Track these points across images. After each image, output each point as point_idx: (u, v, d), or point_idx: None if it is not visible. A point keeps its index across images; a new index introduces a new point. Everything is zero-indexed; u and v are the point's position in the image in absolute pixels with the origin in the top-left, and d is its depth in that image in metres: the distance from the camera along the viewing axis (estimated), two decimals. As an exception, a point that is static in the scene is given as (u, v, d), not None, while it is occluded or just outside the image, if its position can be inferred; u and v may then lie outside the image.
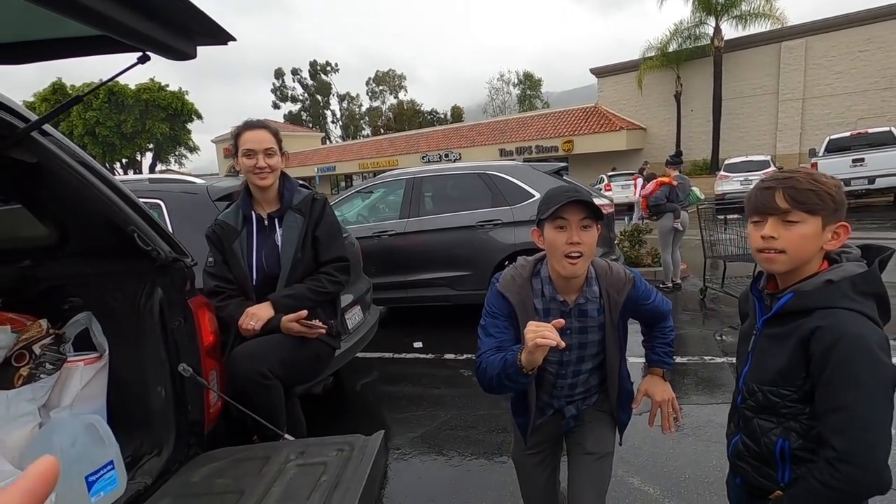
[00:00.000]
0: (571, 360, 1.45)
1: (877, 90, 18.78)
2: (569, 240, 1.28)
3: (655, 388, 1.55)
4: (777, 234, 1.03)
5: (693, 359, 3.89)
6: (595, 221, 1.31)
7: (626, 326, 1.49)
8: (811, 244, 1.02)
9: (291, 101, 57.77)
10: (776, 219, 1.03)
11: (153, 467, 1.44)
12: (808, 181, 1.01)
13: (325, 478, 1.27)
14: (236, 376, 1.71)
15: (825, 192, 1.00)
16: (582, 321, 1.40)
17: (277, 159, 1.94)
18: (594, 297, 1.39)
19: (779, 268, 1.06)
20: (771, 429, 1.08)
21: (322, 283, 1.96)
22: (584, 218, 1.29)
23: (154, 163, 33.81)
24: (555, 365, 1.46)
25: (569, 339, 1.38)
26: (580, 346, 1.43)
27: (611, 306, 1.39)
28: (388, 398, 3.68)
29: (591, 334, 1.42)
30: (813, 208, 1.00)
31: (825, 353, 0.96)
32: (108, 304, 1.63)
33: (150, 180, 3.23)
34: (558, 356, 1.42)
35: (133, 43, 1.12)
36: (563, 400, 1.54)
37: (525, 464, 1.67)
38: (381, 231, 5.04)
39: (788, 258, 1.03)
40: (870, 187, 11.16)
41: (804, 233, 1.01)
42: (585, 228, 1.29)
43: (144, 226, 1.44)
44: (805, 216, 1.00)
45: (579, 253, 1.28)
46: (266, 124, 2.00)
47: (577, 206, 1.28)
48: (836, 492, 0.96)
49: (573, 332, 1.40)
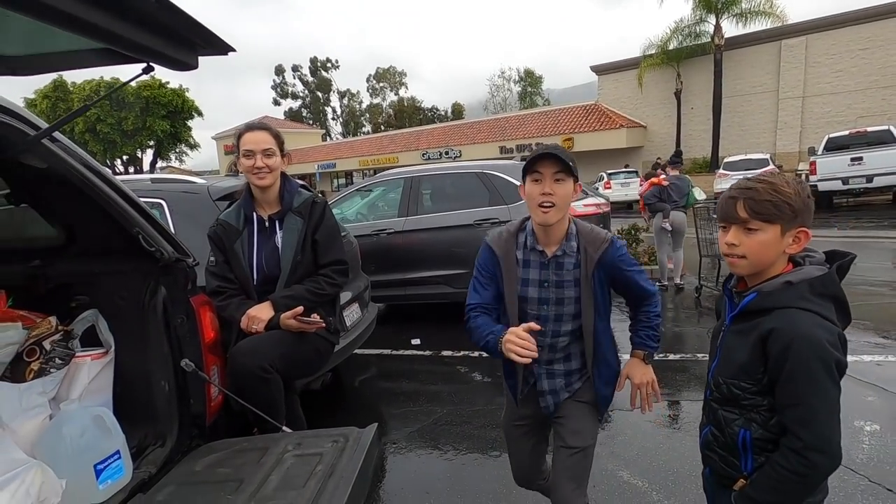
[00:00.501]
0: (550, 315, 1.51)
1: (877, 89, 18.76)
2: (542, 191, 1.40)
3: (635, 370, 1.59)
4: (738, 241, 1.11)
5: (686, 356, 3.95)
6: (569, 176, 1.41)
7: (605, 290, 1.52)
8: (770, 250, 1.10)
9: (292, 97, 57.75)
10: (738, 227, 1.11)
11: (157, 457, 1.51)
12: (767, 192, 1.08)
13: (321, 467, 1.34)
14: (237, 371, 1.77)
15: (783, 201, 1.07)
16: (558, 274, 1.49)
17: (276, 160, 1.98)
18: (572, 252, 1.48)
19: (740, 271, 1.15)
20: (734, 420, 1.16)
21: (320, 285, 2.01)
22: (558, 171, 1.40)
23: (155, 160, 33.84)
24: (534, 321, 1.49)
25: (546, 293, 1.50)
26: (557, 301, 1.50)
27: (587, 262, 1.47)
28: (385, 394, 3.74)
29: (566, 289, 1.49)
30: (770, 218, 1.07)
31: (782, 352, 1.04)
32: (114, 302, 1.70)
33: (152, 180, 3.29)
34: (536, 311, 1.51)
35: (138, 55, 1.18)
36: (542, 367, 1.58)
37: (511, 434, 1.76)
38: (380, 229, 5.10)
39: (749, 263, 1.11)
40: (868, 186, 11.20)
41: (762, 240, 1.09)
42: (558, 181, 1.41)
43: (148, 227, 1.50)
44: (763, 224, 1.08)
45: (551, 203, 1.40)
46: (266, 126, 2.04)
47: (550, 159, 1.40)
48: (803, 477, 1.04)
49: (550, 284, 1.50)
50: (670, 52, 21.50)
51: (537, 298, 1.51)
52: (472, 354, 4.26)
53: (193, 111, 32.04)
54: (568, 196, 1.42)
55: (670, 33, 21.33)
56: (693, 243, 5.98)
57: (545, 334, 1.52)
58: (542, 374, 1.59)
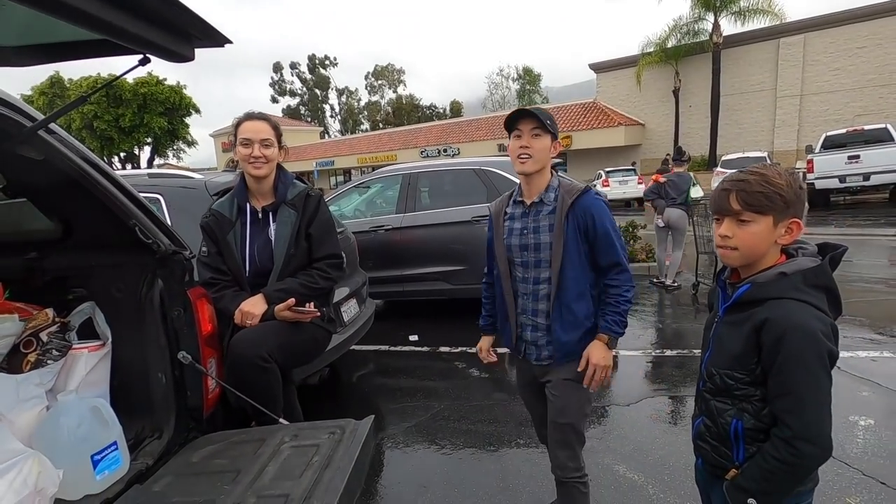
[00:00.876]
0: (530, 262, 1.66)
1: (874, 87, 18.84)
2: (521, 144, 1.58)
3: (595, 351, 1.62)
4: (731, 233, 1.12)
5: (683, 351, 3.97)
6: (546, 133, 1.57)
7: (578, 239, 1.59)
8: (762, 241, 1.11)
9: (290, 95, 57.68)
10: (730, 218, 1.12)
11: (154, 449, 1.52)
12: (758, 183, 1.09)
13: (317, 458, 1.34)
14: (236, 361, 1.77)
15: (775, 192, 1.08)
16: (535, 220, 1.65)
17: (274, 151, 1.97)
18: (549, 202, 1.64)
19: (733, 262, 1.16)
20: (726, 410, 1.17)
21: (314, 279, 2.00)
22: (535, 128, 1.57)
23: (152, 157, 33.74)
24: (520, 268, 1.70)
25: (525, 239, 1.66)
26: (535, 247, 1.64)
27: (562, 207, 1.60)
28: (383, 389, 3.75)
29: (542, 234, 1.63)
30: (762, 209, 1.09)
31: (776, 342, 1.05)
32: (110, 294, 1.70)
33: (149, 175, 3.29)
34: (520, 257, 1.68)
35: (134, 46, 1.18)
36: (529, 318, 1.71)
37: (525, 397, 1.98)
38: (378, 226, 5.10)
39: (741, 254, 1.13)
40: (865, 184, 11.23)
41: (755, 231, 1.10)
42: (536, 136, 1.57)
43: (145, 219, 1.51)
44: (755, 216, 1.09)
45: (528, 155, 1.58)
46: (266, 116, 2.03)
47: (528, 117, 1.57)
48: (792, 467, 1.05)
49: (528, 231, 1.66)
50: (669, 50, 21.54)
51: (518, 245, 1.67)
52: (469, 350, 4.27)
53: (191, 108, 31.96)
54: (544, 150, 1.59)
55: (669, 31, 21.40)
56: (688, 240, 5.99)
57: (528, 281, 1.68)
58: (527, 325, 1.72)
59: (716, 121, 20.86)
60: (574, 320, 1.63)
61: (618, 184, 16.90)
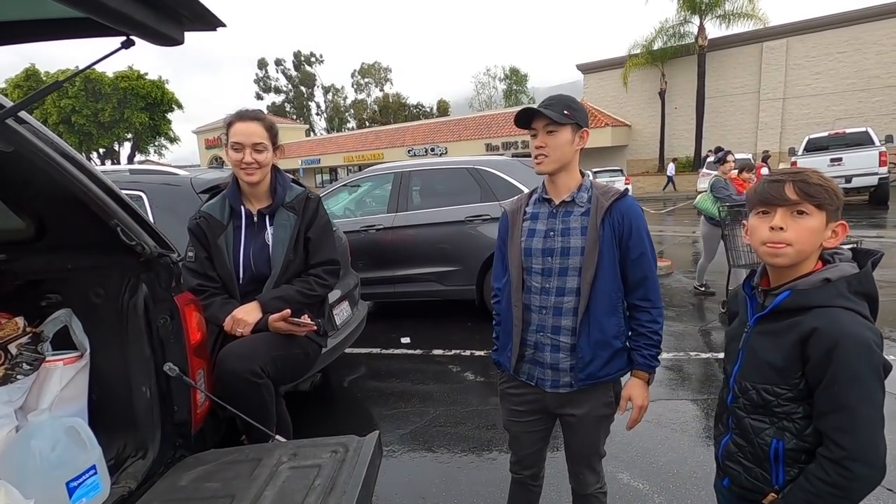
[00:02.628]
0: (554, 269, 1.46)
1: (853, 91, 19.27)
2: (536, 144, 1.46)
3: (636, 391, 1.51)
4: (786, 225, 1.03)
5: (679, 354, 3.93)
6: (560, 127, 1.42)
7: (612, 247, 1.43)
8: (816, 238, 1.03)
9: (275, 92, 56.90)
10: (785, 209, 1.04)
11: (138, 470, 1.39)
12: (816, 177, 1.03)
13: (320, 481, 1.23)
14: (226, 376, 1.64)
15: (832, 188, 1.03)
16: (565, 221, 1.47)
17: (267, 155, 1.84)
18: (582, 202, 1.48)
19: (783, 261, 1.06)
20: (764, 429, 1.08)
21: (311, 286, 1.89)
22: (548, 124, 1.42)
23: (133, 153, 32.91)
24: (537, 277, 1.49)
25: (551, 242, 1.47)
26: (562, 251, 1.46)
27: (597, 209, 1.44)
28: (376, 394, 3.64)
29: (572, 237, 1.45)
30: (821, 202, 1.01)
31: (827, 353, 0.97)
32: (89, 300, 1.56)
33: (130, 171, 3.13)
34: (541, 264, 1.48)
35: (117, 26, 1.06)
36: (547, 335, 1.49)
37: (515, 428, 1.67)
38: (369, 225, 4.99)
39: (795, 251, 1.03)
40: (847, 186, 11.45)
41: (812, 226, 1.02)
42: (551, 133, 1.43)
43: (128, 219, 1.37)
44: (813, 209, 1.02)
45: (544, 155, 1.44)
46: (260, 116, 1.88)
47: (539, 116, 1.43)
48: (843, 490, 0.96)
49: (556, 233, 1.47)
50: (655, 52, 21.75)
51: (541, 249, 1.48)
52: (463, 353, 4.18)
53: (173, 104, 31.31)
54: (562, 146, 1.43)
55: (655, 33, 21.59)
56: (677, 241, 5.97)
57: (548, 292, 1.47)
58: (545, 345, 1.49)
59: (701, 122, 21.12)
60: (603, 339, 1.45)
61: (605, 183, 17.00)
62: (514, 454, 1.72)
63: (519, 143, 24.84)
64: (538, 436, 1.66)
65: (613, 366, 1.49)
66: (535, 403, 1.58)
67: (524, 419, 1.62)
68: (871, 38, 18.70)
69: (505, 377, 1.66)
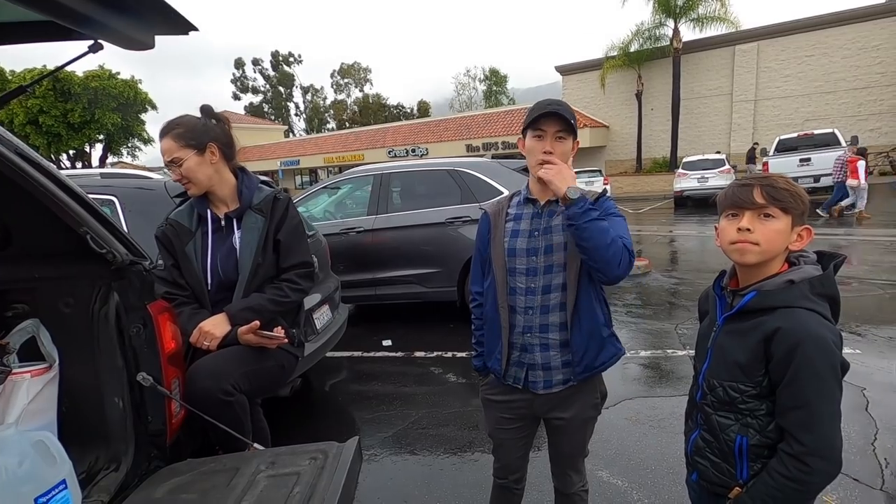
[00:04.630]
0: (539, 267, 1.45)
1: (821, 93, 19.91)
2: (543, 148, 1.40)
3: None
4: (753, 227, 1.08)
5: (657, 352, 4.01)
6: (569, 134, 1.42)
7: None
8: (781, 240, 1.08)
9: (252, 92, 56.09)
10: (752, 212, 1.08)
11: (110, 483, 1.35)
12: (783, 181, 1.09)
13: (299, 489, 1.22)
14: (197, 395, 1.58)
15: (797, 193, 1.08)
16: (548, 221, 1.47)
17: (190, 164, 1.69)
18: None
19: (750, 259, 1.10)
20: (730, 425, 1.12)
21: (284, 292, 1.81)
22: (560, 130, 1.40)
23: (105, 155, 31.96)
24: (522, 277, 1.47)
25: (535, 242, 1.46)
26: (546, 249, 1.45)
27: None
28: (358, 398, 3.62)
29: (555, 234, 1.45)
30: (787, 206, 1.06)
31: (789, 352, 1.01)
32: (58, 310, 1.51)
33: (101, 175, 3.05)
34: (525, 263, 1.46)
35: (83, 30, 1.03)
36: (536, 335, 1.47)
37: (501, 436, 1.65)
38: (349, 228, 4.96)
39: (761, 250, 1.08)
40: (815, 185, 11.84)
41: (777, 228, 1.07)
42: (560, 139, 1.41)
43: (97, 226, 1.34)
44: (779, 213, 1.07)
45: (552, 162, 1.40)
46: (170, 128, 1.71)
47: (553, 118, 1.39)
48: (802, 484, 1.01)
49: (540, 232, 1.46)
50: (631, 55, 22.07)
51: (526, 249, 1.47)
52: (445, 355, 4.19)
53: (147, 104, 30.49)
54: (567, 154, 1.43)
55: (632, 36, 21.91)
56: (655, 240, 6.10)
57: (535, 292, 1.46)
58: (534, 345, 1.48)
59: (676, 124, 21.54)
60: (593, 328, 1.46)
61: (584, 185, 17.20)
62: (498, 460, 1.71)
63: (499, 143, 24.96)
64: (524, 441, 1.67)
65: (605, 353, 1.50)
66: (522, 409, 1.58)
67: (512, 426, 1.61)
68: (838, 43, 19.36)
69: (488, 383, 1.65)
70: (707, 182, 14.08)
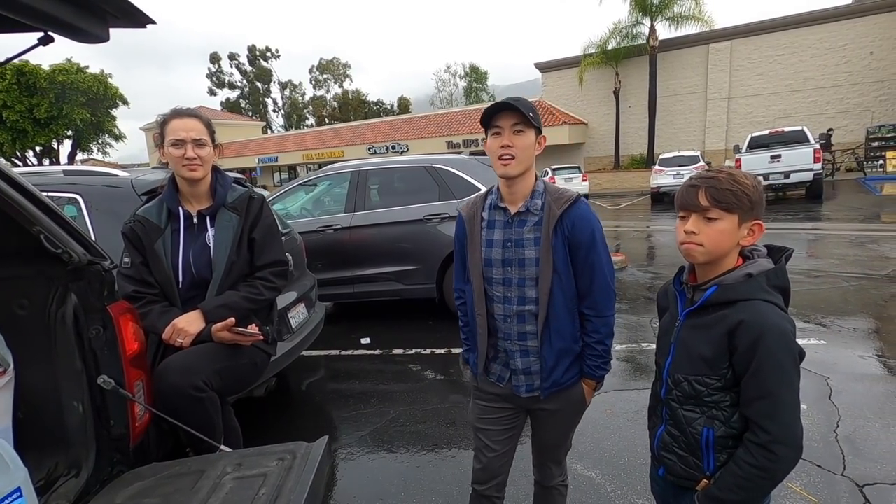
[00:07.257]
0: (514, 279, 1.45)
1: (790, 92, 20.47)
2: (501, 143, 1.38)
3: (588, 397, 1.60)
4: (697, 230, 1.11)
5: (632, 346, 4.07)
6: (529, 128, 1.38)
7: (566, 254, 1.42)
8: (728, 239, 1.11)
9: (229, 87, 55.02)
10: (698, 215, 1.11)
11: (70, 490, 1.31)
12: (728, 181, 1.09)
13: (265, 490, 1.20)
14: (167, 391, 1.56)
15: (742, 192, 1.08)
16: (519, 232, 1.44)
17: (209, 151, 1.79)
18: (536, 210, 1.44)
19: (697, 258, 1.13)
20: (696, 419, 1.14)
21: (258, 290, 1.82)
22: (516, 123, 1.37)
23: (74, 151, 30.90)
24: (499, 287, 1.47)
25: (509, 253, 1.45)
26: (519, 262, 1.44)
27: (549, 218, 1.41)
28: (335, 397, 3.59)
29: (527, 248, 1.43)
30: (730, 206, 1.08)
31: (752, 344, 1.04)
32: (12, 312, 1.46)
33: (65, 172, 2.94)
34: (501, 274, 1.46)
35: (30, 21, 0.99)
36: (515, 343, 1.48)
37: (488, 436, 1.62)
38: (326, 225, 4.91)
39: (706, 251, 1.11)
40: (786, 182, 12.16)
41: (722, 228, 1.09)
42: (518, 133, 1.37)
43: (52, 225, 1.29)
44: (723, 213, 1.09)
45: (511, 155, 1.38)
46: (196, 113, 1.84)
47: (507, 111, 1.37)
48: (768, 472, 1.03)
49: (512, 244, 1.45)
50: (609, 52, 22.33)
51: (501, 260, 1.46)
52: (424, 352, 4.19)
53: (117, 99, 29.56)
54: (528, 148, 1.39)
55: (609, 33, 22.16)
56: (632, 236, 6.20)
57: (511, 301, 1.46)
58: (514, 351, 1.48)
59: (653, 121, 21.89)
60: (564, 346, 1.46)
61: (563, 181, 17.37)
62: (478, 461, 1.66)
63: (479, 140, 24.98)
64: (508, 434, 1.62)
65: (575, 368, 1.51)
66: (507, 400, 1.58)
67: (496, 414, 1.60)
68: (807, 42, 19.91)
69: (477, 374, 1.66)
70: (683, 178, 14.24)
